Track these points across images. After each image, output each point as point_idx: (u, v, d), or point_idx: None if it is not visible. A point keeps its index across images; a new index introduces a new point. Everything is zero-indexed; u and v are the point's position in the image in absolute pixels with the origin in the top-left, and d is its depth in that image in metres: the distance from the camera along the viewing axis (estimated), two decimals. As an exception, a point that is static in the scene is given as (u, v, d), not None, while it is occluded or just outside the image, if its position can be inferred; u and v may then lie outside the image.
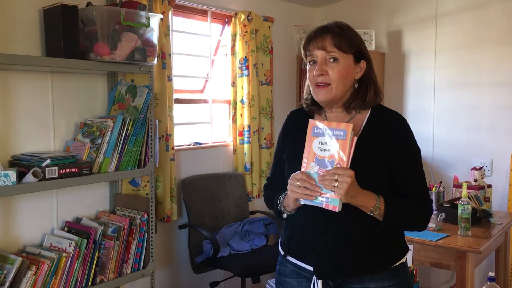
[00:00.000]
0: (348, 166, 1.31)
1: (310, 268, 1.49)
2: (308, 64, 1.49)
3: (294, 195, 1.37)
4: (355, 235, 1.44)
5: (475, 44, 3.42)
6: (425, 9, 3.64)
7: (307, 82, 1.53)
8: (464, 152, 3.49)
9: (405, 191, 1.45)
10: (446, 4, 3.54)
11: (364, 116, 1.50)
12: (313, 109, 1.56)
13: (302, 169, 1.37)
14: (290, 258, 1.57)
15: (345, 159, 1.31)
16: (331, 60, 1.42)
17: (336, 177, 1.29)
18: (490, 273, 1.85)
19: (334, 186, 1.29)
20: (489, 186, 3.00)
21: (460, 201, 2.56)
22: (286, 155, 1.57)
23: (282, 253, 1.61)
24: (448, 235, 2.53)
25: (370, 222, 1.41)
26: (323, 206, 1.33)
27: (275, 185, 1.62)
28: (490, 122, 3.39)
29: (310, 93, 1.53)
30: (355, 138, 1.32)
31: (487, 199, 2.88)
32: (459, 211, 2.54)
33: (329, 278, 1.47)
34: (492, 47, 3.35)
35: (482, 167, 3.10)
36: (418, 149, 1.49)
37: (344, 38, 1.43)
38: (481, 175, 3.02)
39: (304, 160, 1.37)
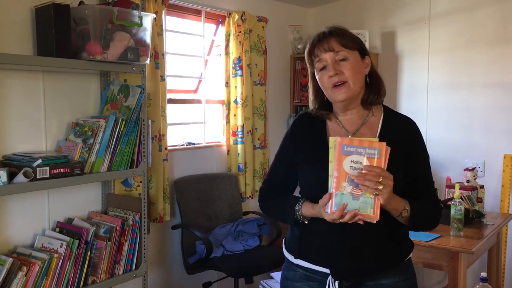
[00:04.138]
0: None
1: (325, 271, 1.47)
2: (316, 72, 1.49)
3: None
4: (375, 235, 1.43)
5: (468, 45, 3.44)
6: (419, 10, 3.65)
7: (310, 90, 1.55)
8: (457, 153, 3.50)
9: (419, 193, 1.47)
10: (440, 5, 3.55)
11: (377, 120, 1.51)
12: (323, 113, 1.54)
13: (332, 190, 1.30)
14: (300, 262, 1.53)
15: None
16: (341, 59, 1.44)
17: (380, 179, 1.26)
18: (482, 273, 1.85)
19: (378, 189, 1.26)
20: (482, 186, 3.01)
21: (452, 202, 2.57)
22: (303, 158, 1.52)
23: (290, 257, 1.57)
24: (440, 235, 2.53)
25: (387, 221, 1.40)
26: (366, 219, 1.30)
27: (273, 187, 1.62)
28: (483, 123, 3.40)
29: (317, 99, 1.54)
30: (389, 149, 1.29)
31: (480, 200, 2.89)
32: (452, 211, 2.55)
33: (347, 279, 1.45)
34: (485, 48, 3.37)
35: (474, 168, 3.11)
36: (427, 152, 1.54)
37: (347, 36, 1.47)
38: (474, 176, 3.03)
39: (334, 180, 1.30)
